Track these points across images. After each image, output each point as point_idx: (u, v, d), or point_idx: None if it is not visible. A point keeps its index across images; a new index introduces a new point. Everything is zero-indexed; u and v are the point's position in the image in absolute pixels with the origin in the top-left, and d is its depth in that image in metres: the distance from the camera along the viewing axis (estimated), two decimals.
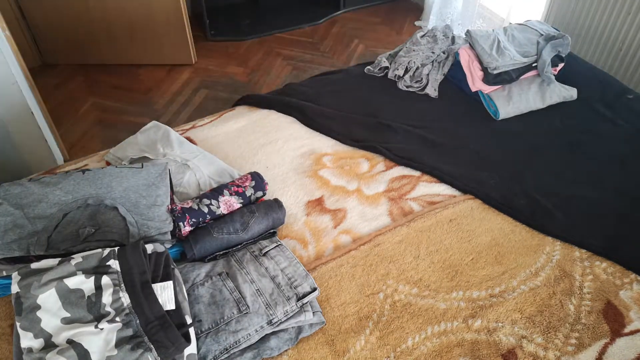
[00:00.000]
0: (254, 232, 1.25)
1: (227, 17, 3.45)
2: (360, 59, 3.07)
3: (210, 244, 1.20)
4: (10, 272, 1.10)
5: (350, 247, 1.29)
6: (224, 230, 1.22)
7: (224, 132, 1.66)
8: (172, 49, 2.90)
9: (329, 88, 1.89)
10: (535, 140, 1.66)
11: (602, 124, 1.73)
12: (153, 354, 0.88)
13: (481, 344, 1.09)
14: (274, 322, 1.06)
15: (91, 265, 0.96)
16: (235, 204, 1.29)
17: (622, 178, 1.52)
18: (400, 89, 1.88)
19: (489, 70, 1.74)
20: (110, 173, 1.20)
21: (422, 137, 1.65)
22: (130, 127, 2.51)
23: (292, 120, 1.73)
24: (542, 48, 1.78)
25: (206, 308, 1.07)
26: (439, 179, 1.50)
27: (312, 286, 1.13)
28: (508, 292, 1.20)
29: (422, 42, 1.98)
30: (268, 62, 3.04)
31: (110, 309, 0.92)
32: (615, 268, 1.26)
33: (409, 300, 1.18)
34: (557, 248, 1.31)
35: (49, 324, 0.89)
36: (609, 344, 1.10)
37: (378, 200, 1.43)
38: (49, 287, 0.91)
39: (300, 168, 1.53)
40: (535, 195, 1.45)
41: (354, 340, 1.09)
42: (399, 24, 3.47)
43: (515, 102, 1.75)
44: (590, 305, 1.18)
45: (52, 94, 2.70)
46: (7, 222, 1.09)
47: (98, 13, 2.69)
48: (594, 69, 2.00)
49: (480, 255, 1.28)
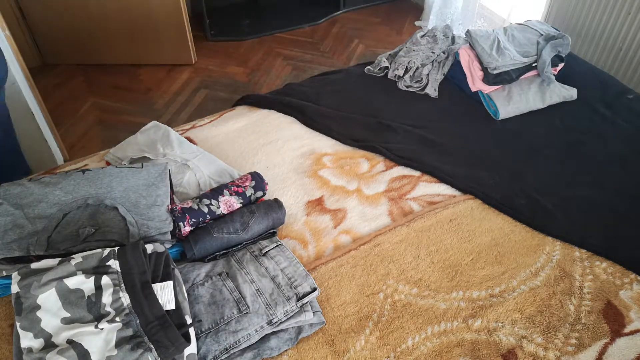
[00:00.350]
0: (254, 232, 1.25)
1: (227, 17, 3.45)
2: (360, 59, 3.07)
3: (210, 244, 1.20)
4: (10, 272, 1.10)
5: (350, 247, 1.29)
6: (224, 230, 1.22)
7: (224, 132, 1.66)
8: (172, 49, 2.90)
9: (329, 88, 1.89)
10: (535, 140, 1.66)
11: (602, 124, 1.73)
12: (153, 354, 0.88)
13: (481, 344, 1.09)
14: (274, 322, 1.06)
15: (91, 265, 0.96)
16: (235, 204, 1.29)
17: (622, 178, 1.52)
18: (400, 89, 1.88)
19: (489, 70, 1.74)
20: (110, 173, 1.20)
21: (422, 137, 1.65)
22: (130, 127, 2.51)
23: (292, 120, 1.73)
24: (542, 48, 1.78)
25: (206, 308, 1.07)
26: (439, 179, 1.50)
27: (312, 286, 1.13)
28: (508, 292, 1.20)
29: (422, 42, 1.98)
30: (268, 62, 3.04)
31: (110, 309, 0.92)
32: (615, 268, 1.26)
33: (409, 300, 1.18)
34: (557, 248, 1.31)
35: (49, 324, 0.89)
36: (609, 344, 1.10)
37: (378, 200, 1.43)
38: (49, 287, 0.91)
39: (300, 168, 1.53)
40: (535, 195, 1.45)
41: (354, 340, 1.09)
42: (399, 24, 3.47)
43: (515, 102, 1.75)
44: (590, 305, 1.18)
45: (52, 94, 2.70)
46: (7, 222, 1.09)
47: (98, 13, 2.69)
48: (594, 69, 2.00)
49: (480, 255, 1.28)
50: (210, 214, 1.25)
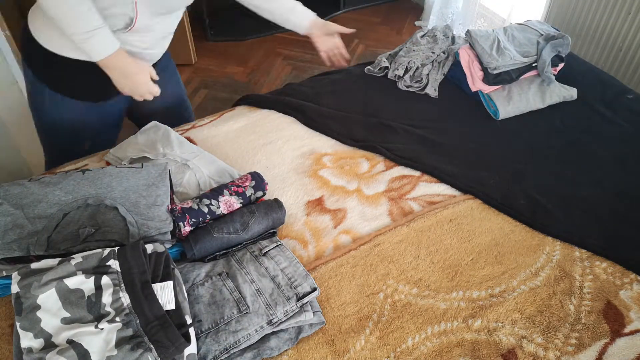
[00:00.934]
0: (254, 232, 1.25)
1: (227, 17, 3.45)
2: (360, 59, 3.07)
3: (210, 244, 1.20)
4: (10, 272, 1.10)
5: (350, 247, 1.29)
6: (224, 230, 1.22)
7: (224, 132, 1.66)
8: (172, 49, 2.87)
9: (329, 88, 1.89)
10: (535, 140, 1.66)
11: (602, 124, 1.73)
12: (153, 354, 0.88)
13: (481, 344, 1.09)
14: (274, 322, 1.06)
15: (91, 265, 0.96)
16: (235, 204, 1.29)
17: (622, 178, 1.52)
18: (400, 89, 1.88)
19: (489, 70, 1.74)
20: (110, 173, 1.20)
21: (422, 137, 1.65)
22: (130, 127, 2.50)
23: (292, 120, 1.73)
24: (542, 48, 1.78)
25: (206, 308, 1.07)
26: (439, 179, 1.50)
27: (312, 286, 1.13)
28: (508, 292, 1.20)
29: (422, 42, 1.98)
30: (268, 62, 3.05)
31: (110, 309, 0.92)
32: (615, 268, 1.26)
33: (409, 300, 1.18)
34: (557, 248, 1.31)
35: (49, 324, 0.89)
36: (609, 344, 1.10)
37: (378, 200, 1.43)
38: (49, 287, 0.91)
39: (300, 168, 1.53)
40: (535, 195, 1.45)
41: (354, 340, 1.09)
42: (399, 24, 3.47)
43: (515, 102, 1.75)
44: (590, 305, 1.18)
45: None
46: (7, 222, 1.09)
47: None
48: (594, 69, 2.00)
49: (480, 255, 1.28)
50: (210, 214, 1.25)
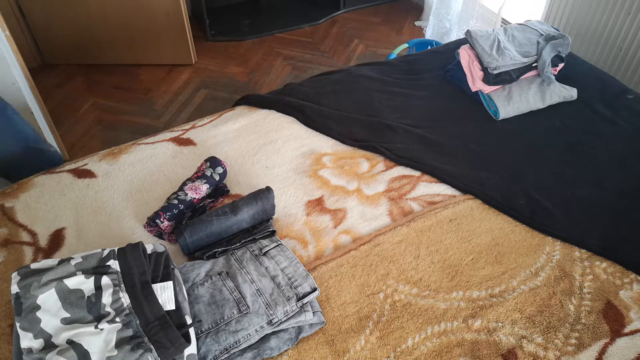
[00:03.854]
0: (244, 215, 1.26)
1: (227, 17, 3.45)
2: (360, 59, 3.07)
3: (200, 227, 1.21)
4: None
5: (350, 247, 1.29)
6: (212, 214, 1.25)
7: (223, 132, 1.66)
8: (172, 49, 2.90)
9: (329, 88, 1.89)
10: (535, 140, 1.66)
11: (602, 124, 1.73)
12: (153, 355, 0.88)
13: (481, 344, 1.09)
14: (274, 322, 1.05)
15: (91, 265, 0.96)
16: (201, 185, 1.34)
17: (622, 178, 1.52)
18: (400, 89, 1.88)
19: (489, 70, 1.74)
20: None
21: (422, 137, 1.65)
22: (130, 127, 2.51)
23: (292, 120, 1.73)
24: (542, 48, 1.77)
25: (206, 308, 1.07)
26: (439, 179, 1.50)
27: (312, 286, 1.13)
28: (508, 292, 1.20)
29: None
30: (268, 62, 3.04)
31: (110, 309, 0.92)
32: (615, 268, 1.26)
33: (409, 300, 1.17)
34: (557, 248, 1.31)
35: (49, 325, 0.89)
36: (609, 344, 1.10)
37: (378, 200, 1.43)
38: (48, 287, 0.91)
39: (300, 168, 1.53)
40: (535, 195, 1.45)
41: (354, 340, 1.09)
42: (399, 24, 3.47)
43: (515, 102, 1.75)
44: (590, 305, 1.18)
45: (52, 94, 2.70)
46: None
47: (98, 13, 2.69)
48: (594, 69, 2.00)
49: (480, 255, 1.28)
50: (182, 203, 1.30)
